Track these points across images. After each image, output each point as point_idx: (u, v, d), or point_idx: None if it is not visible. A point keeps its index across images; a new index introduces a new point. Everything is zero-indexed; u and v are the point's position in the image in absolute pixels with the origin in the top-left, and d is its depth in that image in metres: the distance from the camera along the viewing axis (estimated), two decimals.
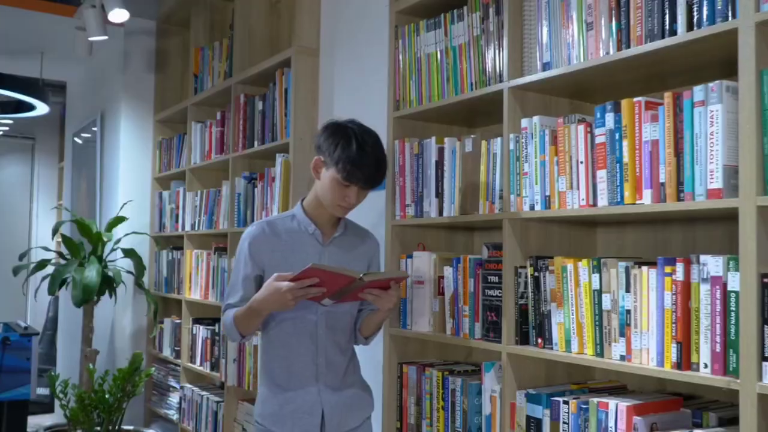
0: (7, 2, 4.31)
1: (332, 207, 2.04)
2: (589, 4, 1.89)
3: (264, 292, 1.93)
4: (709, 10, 1.61)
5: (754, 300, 1.47)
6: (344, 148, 1.96)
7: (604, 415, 1.77)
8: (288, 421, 2.06)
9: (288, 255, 2.05)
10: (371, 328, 2.16)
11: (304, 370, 2.07)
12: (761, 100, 1.48)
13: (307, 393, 2.06)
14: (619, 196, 1.76)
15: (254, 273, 2.07)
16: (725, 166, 1.55)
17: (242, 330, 2.05)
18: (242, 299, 2.05)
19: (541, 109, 2.11)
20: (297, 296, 1.88)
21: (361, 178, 1.97)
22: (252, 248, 2.07)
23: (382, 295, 1.95)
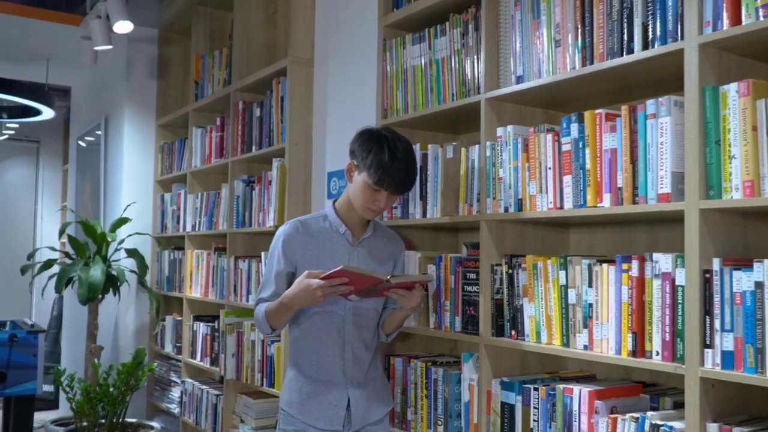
0: (14, 11, 4.48)
1: (362, 210, 2.13)
2: (557, 23, 2.05)
3: (295, 288, 2.02)
4: (662, 31, 1.78)
5: (696, 293, 1.64)
6: (376, 154, 2.04)
7: (569, 400, 1.94)
8: (314, 411, 2.15)
9: (319, 253, 2.15)
10: (393, 326, 2.26)
11: (332, 364, 2.16)
12: (703, 113, 1.65)
13: (335, 386, 2.16)
14: (583, 199, 1.93)
15: (287, 269, 2.16)
16: (673, 172, 1.71)
17: (273, 323, 2.14)
18: (274, 294, 2.15)
19: (516, 119, 2.27)
20: (326, 293, 1.97)
21: (391, 183, 2.05)
22: (285, 246, 2.16)
23: (407, 294, 2.05)
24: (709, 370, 1.61)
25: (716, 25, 1.64)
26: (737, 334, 1.57)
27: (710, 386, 1.64)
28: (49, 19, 4.65)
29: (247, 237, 3.74)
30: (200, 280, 4.15)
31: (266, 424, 3.46)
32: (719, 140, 1.63)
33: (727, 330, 1.59)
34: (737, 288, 1.57)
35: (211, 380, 4.17)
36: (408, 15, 2.62)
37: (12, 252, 7.76)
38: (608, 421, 1.84)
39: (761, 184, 1.56)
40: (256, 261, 3.48)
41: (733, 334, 1.58)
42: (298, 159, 3.26)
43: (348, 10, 3.12)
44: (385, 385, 2.32)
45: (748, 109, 1.57)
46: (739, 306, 1.57)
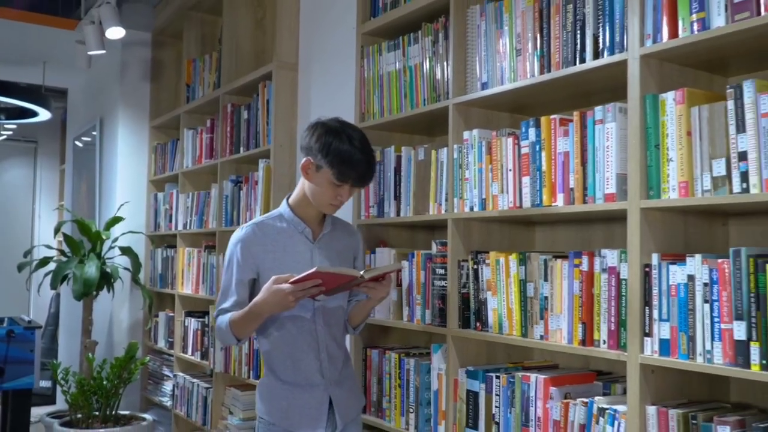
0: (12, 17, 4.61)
1: (324, 206, 2.09)
2: (518, 33, 2.18)
3: (264, 294, 1.94)
4: (610, 42, 1.91)
5: (637, 286, 1.77)
6: (335, 149, 1.98)
7: (527, 387, 2.07)
8: (296, 415, 2.10)
9: (280, 255, 2.09)
10: (360, 317, 2.24)
11: (310, 366, 2.11)
12: (644, 119, 1.78)
13: (315, 387, 2.11)
14: (539, 199, 2.06)
15: (248, 277, 2.08)
16: (618, 174, 1.85)
17: (238, 334, 2.06)
18: (236, 304, 2.07)
19: (483, 123, 2.40)
20: (298, 297, 1.91)
21: (355, 177, 2.02)
22: (245, 251, 2.08)
23: (377, 286, 2.03)
24: (648, 357, 1.75)
25: (656, 37, 1.78)
26: (673, 324, 1.71)
27: (650, 372, 1.77)
28: (46, 24, 4.79)
29: None
30: (191, 277, 4.28)
31: (253, 415, 3.57)
32: (658, 144, 1.76)
33: (664, 320, 1.72)
34: (673, 281, 1.71)
35: (202, 374, 4.30)
36: (384, 23, 2.75)
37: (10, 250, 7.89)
38: (561, 406, 1.97)
39: (695, 185, 1.69)
40: None
41: (669, 323, 1.71)
42: (282, 160, 3.40)
43: (329, 18, 3.25)
44: (357, 382, 2.32)
45: (684, 116, 1.71)
46: (674, 297, 1.70)
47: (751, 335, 1.55)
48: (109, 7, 3.94)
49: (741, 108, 1.60)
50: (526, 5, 2.16)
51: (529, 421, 2.06)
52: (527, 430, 2.06)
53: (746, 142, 1.58)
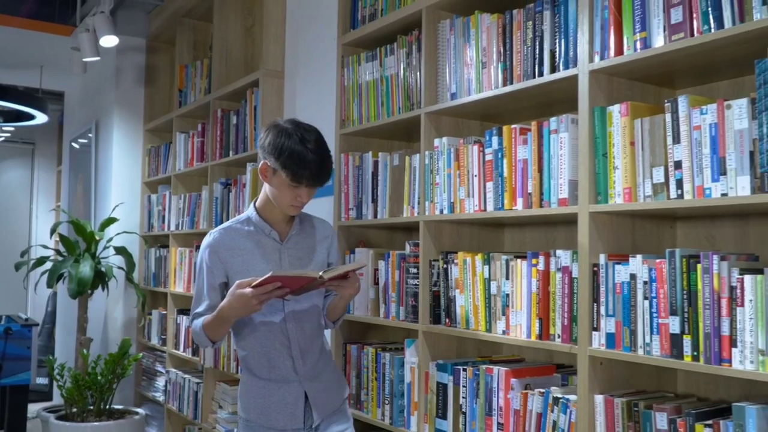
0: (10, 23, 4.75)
1: (285, 208, 2.10)
2: (484, 47, 2.33)
3: (229, 299, 1.96)
4: (565, 57, 2.06)
5: (587, 284, 1.92)
6: (288, 151, 1.99)
7: (490, 378, 2.22)
8: (272, 412, 2.13)
9: (249, 258, 2.11)
10: (337, 313, 2.27)
11: (283, 364, 2.14)
12: (593, 130, 1.93)
13: (290, 384, 2.14)
14: (501, 203, 2.21)
15: (218, 281, 2.11)
16: (570, 180, 1.99)
17: (212, 337, 2.09)
18: (208, 308, 2.10)
19: (453, 130, 2.55)
20: (262, 300, 1.93)
21: (308, 177, 2.02)
22: (213, 256, 2.11)
23: (343, 284, 2.05)
24: (596, 350, 1.89)
25: (603, 54, 1.92)
26: (617, 319, 1.85)
27: (599, 364, 1.92)
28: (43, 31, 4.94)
29: None
30: (183, 276, 4.42)
31: None
32: (606, 153, 1.90)
33: (610, 315, 1.87)
34: (618, 279, 1.85)
35: (194, 370, 4.44)
36: (363, 35, 2.89)
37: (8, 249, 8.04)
38: (521, 396, 2.12)
39: (637, 191, 1.83)
40: None
41: (614, 318, 1.86)
42: None
43: (313, 29, 3.40)
44: (338, 373, 2.34)
45: (627, 127, 1.85)
46: (619, 295, 1.85)
47: (684, 329, 1.69)
48: (103, 16, 4.08)
49: (676, 121, 1.74)
50: (491, 21, 2.30)
51: (492, 410, 2.20)
52: (490, 418, 2.20)
53: (681, 152, 1.73)
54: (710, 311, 1.64)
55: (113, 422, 4.11)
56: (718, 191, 1.65)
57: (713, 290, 1.64)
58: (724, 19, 1.67)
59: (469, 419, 2.28)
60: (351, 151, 2.93)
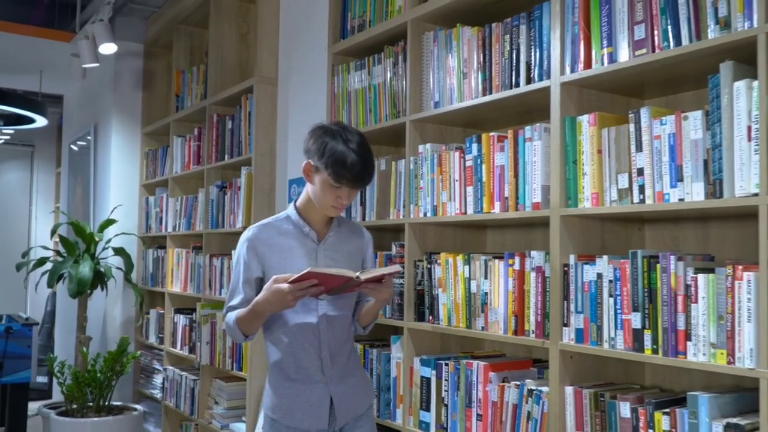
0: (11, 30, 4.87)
1: (325, 208, 2.12)
2: (465, 59, 2.46)
3: (265, 294, 1.99)
4: (539, 70, 2.19)
5: (558, 283, 2.05)
6: (331, 151, 2.01)
7: (470, 372, 2.35)
8: (298, 412, 2.13)
9: (286, 255, 2.14)
10: (369, 318, 2.26)
11: (311, 365, 2.14)
12: (564, 138, 2.06)
13: (315, 386, 2.14)
14: (480, 206, 2.33)
15: (255, 275, 2.14)
16: (543, 185, 2.12)
17: (245, 330, 2.11)
18: (243, 301, 2.12)
19: (438, 137, 2.68)
20: (297, 297, 1.95)
21: (350, 178, 2.03)
22: (251, 251, 2.14)
23: (377, 287, 2.04)
24: (566, 344, 2.02)
25: (573, 67, 2.05)
26: (586, 315, 1.98)
27: (569, 357, 2.05)
28: (42, 37, 5.05)
29: (220, 237, 4.14)
30: (180, 276, 4.54)
31: (237, 404, 3.87)
32: (576, 160, 2.03)
33: (579, 312, 2.00)
34: (586, 278, 1.98)
35: (190, 367, 4.56)
36: (352, 44, 3.02)
37: (8, 250, 8.16)
38: (498, 389, 2.24)
39: (604, 196, 1.96)
40: (228, 258, 3.88)
41: (583, 315, 1.99)
42: (263, 167, 3.66)
43: (305, 37, 3.52)
44: (366, 377, 2.33)
45: (595, 136, 1.98)
46: (587, 293, 1.98)
47: (645, 324, 1.82)
48: (102, 24, 4.20)
49: (639, 131, 1.87)
50: (471, 34, 2.43)
51: (472, 402, 2.33)
52: (470, 410, 2.33)
53: (643, 160, 1.86)
54: (668, 308, 1.77)
55: (112, 418, 4.22)
56: (675, 196, 1.78)
57: (671, 288, 1.77)
58: (682, 36, 1.80)
59: (450, 411, 2.41)
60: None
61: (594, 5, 2.01)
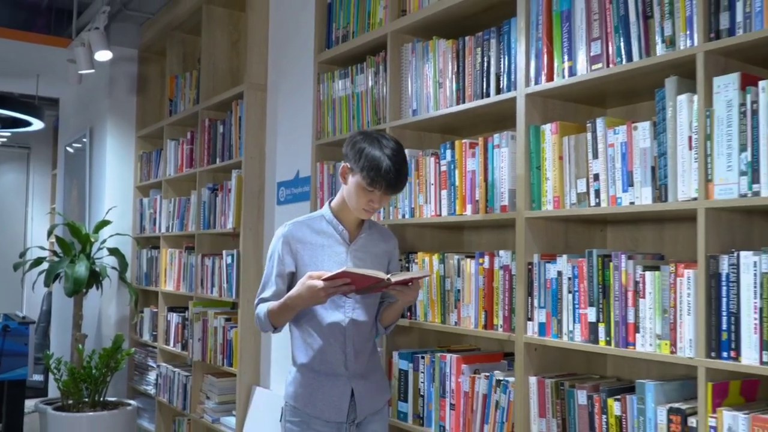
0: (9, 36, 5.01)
1: (357, 210, 2.20)
2: (441, 69, 2.61)
3: (299, 289, 2.09)
4: (507, 82, 2.34)
5: (523, 280, 2.20)
6: (368, 157, 2.10)
7: (444, 365, 2.49)
8: (319, 403, 2.22)
9: (318, 253, 2.24)
10: (391, 318, 2.36)
11: (335, 358, 2.23)
12: (529, 145, 2.21)
13: (338, 379, 2.23)
14: (453, 209, 2.48)
15: (287, 270, 2.23)
16: (510, 189, 2.27)
17: (275, 322, 2.21)
18: (275, 294, 2.22)
19: (416, 143, 2.82)
20: (329, 294, 2.05)
21: (383, 184, 2.11)
22: (285, 247, 2.24)
23: (405, 290, 2.13)
24: (530, 337, 2.17)
25: (537, 80, 2.20)
26: (548, 310, 2.13)
27: (533, 349, 2.20)
28: (39, 42, 5.20)
29: (212, 237, 4.29)
30: (173, 275, 4.68)
31: (227, 399, 4.01)
32: (539, 166, 2.18)
33: (541, 307, 2.15)
34: (548, 276, 2.13)
35: (183, 364, 4.70)
36: (336, 54, 3.17)
37: (4, 250, 8.30)
38: (469, 380, 2.39)
39: (565, 199, 2.11)
40: (218, 258, 4.03)
41: (545, 309, 2.14)
42: (252, 171, 3.81)
43: (293, 46, 3.67)
44: (384, 375, 2.44)
45: (557, 144, 2.13)
46: (549, 289, 2.13)
47: (599, 318, 1.98)
48: (98, 32, 4.34)
49: (595, 139, 2.02)
50: (447, 46, 2.58)
51: (445, 392, 2.48)
52: (444, 400, 2.48)
53: (598, 166, 2.01)
54: (619, 302, 1.92)
55: (107, 413, 4.36)
56: (627, 200, 1.93)
57: (622, 285, 1.92)
58: (633, 52, 1.95)
59: (426, 401, 2.56)
60: (326, 160, 3.20)
61: (556, 22, 2.16)
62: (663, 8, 1.87)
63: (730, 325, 1.68)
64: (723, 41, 1.73)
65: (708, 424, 1.70)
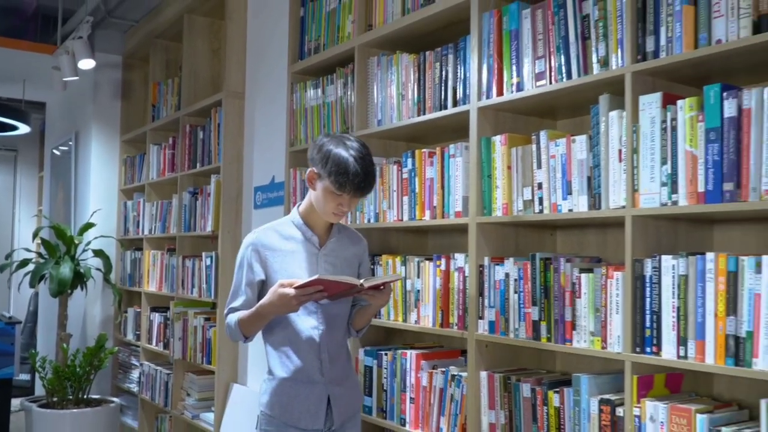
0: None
1: (327, 214, 2.18)
2: (403, 82, 2.76)
3: (270, 297, 2.06)
4: (462, 95, 2.49)
5: (474, 281, 2.35)
6: (335, 161, 2.07)
7: (405, 361, 2.65)
8: (296, 411, 2.19)
9: (288, 259, 2.21)
10: (363, 322, 2.36)
11: (310, 366, 2.21)
12: (480, 155, 2.36)
13: (315, 386, 2.21)
14: (413, 214, 2.64)
15: (256, 278, 2.20)
16: (463, 196, 2.43)
17: (246, 332, 2.18)
18: (244, 303, 2.19)
19: (382, 151, 2.97)
20: (301, 301, 2.04)
21: (352, 187, 2.08)
22: (254, 255, 2.20)
23: (377, 294, 2.14)
24: (481, 335, 2.33)
25: (488, 94, 2.36)
26: (496, 309, 2.29)
27: (484, 346, 2.35)
28: (26, 49, 5.33)
29: (192, 240, 4.43)
30: (156, 276, 4.82)
31: (206, 396, 4.15)
32: (490, 175, 2.34)
33: (491, 306, 2.31)
34: (497, 277, 2.29)
35: (165, 362, 4.83)
36: (309, 65, 3.31)
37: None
38: (428, 375, 2.55)
39: (512, 206, 2.27)
40: (198, 260, 4.17)
41: (494, 309, 2.30)
42: (230, 175, 3.95)
43: (269, 56, 3.82)
44: (357, 380, 2.45)
45: (505, 154, 2.29)
46: (497, 290, 2.28)
47: (541, 316, 2.13)
48: (82, 41, 4.48)
49: (539, 150, 2.18)
50: (409, 60, 2.74)
51: (406, 387, 2.63)
52: (404, 394, 2.63)
53: (542, 176, 2.17)
54: (558, 302, 2.08)
55: (90, 409, 4.49)
56: (566, 207, 2.09)
57: (561, 286, 2.08)
58: (572, 71, 2.11)
59: (389, 396, 2.71)
60: (299, 167, 3.35)
61: (506, 40, 2.32)
62: (598, 30, 2.03)
63: (652, 322, 1.84)
64: (648, 63, 1.89)
65: (633, 413, 1.86)
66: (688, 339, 1.76)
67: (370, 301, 2.20)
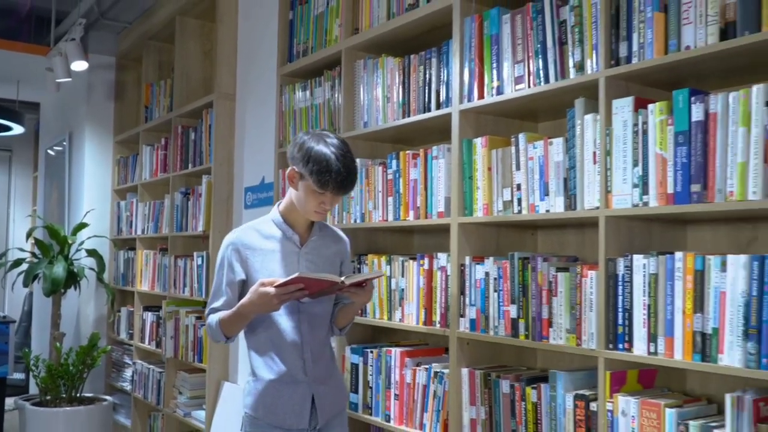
0: None
1: (309, 213, 2.17)
2: (389, 85, 2.81)
3: (251, 296, 2.05)
4: (445, 98, 2.55)
5: (456, 280, 2.41)
6: (316, 159, 2.06)
7: (390, 358, 2.70)
8: (280, 411, 2.18)
9: (268, 258, 2.19)
10: (346, 320, 2.35)
11: (294, 365, 2.19)
12: (462, 157, 2.42)
13: (299, 386, 2.19)
14: (398, 215, 2.69)
15: (237, 278, 2.18)
16: (446, 197, 2.48)
17: (227, 332, 2.17)
18: (226, 303, 2.18)
19: (369, 152, 3.03)
20: (282, 300, 2.03)
21: (335, 185, 2.08)
22: (234, 254, 2.19)
23: (359, 292, 2.14)
24: (462, 333, 2.39)
25: (470, 97, 2.41)
26: (477, 307, 2.34)
27: (466, 344, 2.41)
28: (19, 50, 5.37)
29: (184, 239, 4.48)
30: (148, 275, 4.87)
31: (198, 394, 4.20)
32: (471, 176, 2.39)
33: (472, 305, 2.36)
34: (477, 276, 2.34)
35: (158, 361, 4.88)
36: (297, 68, 3.37)
37: None
38: (411, 372, 2.60)
39: (493, 207, 2.32)
40: (190, 259, 4.22)
41: (475, 307, 2.35)
42: (221, 176, 4.00)
43: (259, 59, 3.87)
44: (342, 378, 2.43)
45: (486, 156, 2.34)
46: (478, 288, 2.34)
47: (519, 314, 2.19)
48: (74, 43, 4.52)
49: (518, 152, 2.24)
50: (394, 63, 2.79)
51: (390, 384, 2.69)
52: (389, 391, 2.69)
53: (520, 177, 2.22)
54: (536, 300, 2.14)
55: (83, 408, 4.54)
56: (543, 208, 2.15)
57: (538, 284, 2.13)
58: (550, 75, 2.16)
59: (374, 392, 2.76)
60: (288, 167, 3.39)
61: (486, 45, 2.37)
62: (574, 36, 2.09)
63: (624, 320, 1.89)
64: (621, 68, 1.95)
65: (606, 408, 1.91)
66: (658, 336, 1.82)
67: (353, 299, 2.21)
